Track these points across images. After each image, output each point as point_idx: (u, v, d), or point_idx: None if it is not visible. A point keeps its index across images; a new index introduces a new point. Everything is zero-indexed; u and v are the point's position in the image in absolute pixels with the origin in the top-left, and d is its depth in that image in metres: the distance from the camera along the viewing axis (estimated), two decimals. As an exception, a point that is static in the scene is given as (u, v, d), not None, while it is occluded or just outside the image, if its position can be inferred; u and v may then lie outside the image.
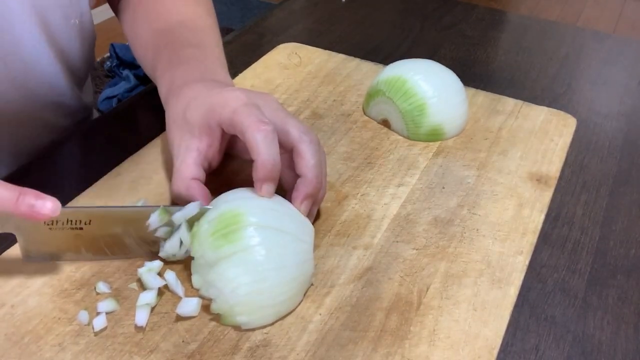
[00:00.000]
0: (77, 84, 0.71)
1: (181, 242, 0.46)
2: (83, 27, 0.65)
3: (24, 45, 0.59)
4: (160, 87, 0.58)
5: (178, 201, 0.50)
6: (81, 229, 0.46)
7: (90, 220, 0.46)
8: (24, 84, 0.61)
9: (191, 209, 0.46)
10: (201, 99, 0.51)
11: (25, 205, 0.41)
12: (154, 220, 0.46)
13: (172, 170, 0.51)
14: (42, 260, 0.47)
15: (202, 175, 0.50)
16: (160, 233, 0.47)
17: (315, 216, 0.52)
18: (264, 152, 0.45)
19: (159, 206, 0.47)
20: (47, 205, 0.42)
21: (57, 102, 0.67)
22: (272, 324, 0.44)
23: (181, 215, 0.46)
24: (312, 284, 0.47)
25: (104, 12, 0.71)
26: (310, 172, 0.48)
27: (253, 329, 0.44)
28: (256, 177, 0.46)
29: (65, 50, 0.64)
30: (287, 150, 0.49)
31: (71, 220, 0.46)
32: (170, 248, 0.47)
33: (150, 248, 0.48)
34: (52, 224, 0.46)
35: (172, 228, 0.47)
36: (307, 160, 0.48)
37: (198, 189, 0.49)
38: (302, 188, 0.48)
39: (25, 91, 0.62)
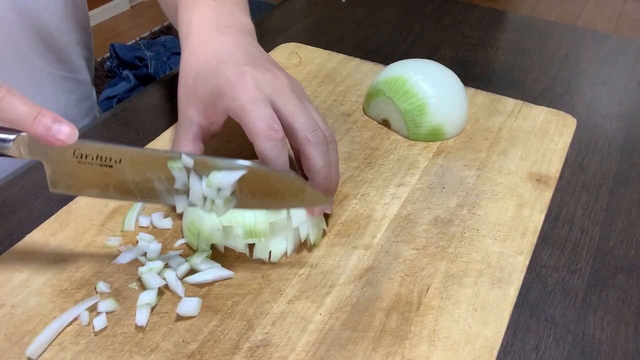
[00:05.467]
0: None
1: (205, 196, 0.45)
2: None
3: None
4: (179, 31, 0.57)
5: None
6: (111, 166, 0.44)
7: (120, 160, 0.44)
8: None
9: (186, 161, 0.44)
10: (209, 72, 0.50)
11: (41, 125, 0.39)
12: (176, 174, 0.45)
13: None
14: (68, 192, 0.45)
15: (200, 149, 0.52)
16: (179, 184, 0.45)
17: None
18: (272, 164, 0.46)
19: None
20: (63, 129, 0.40)
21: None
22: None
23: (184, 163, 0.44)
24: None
25: (104, 12, 0.71)
26: (317, 175, 0.48)
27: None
28: None
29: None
30: (297, 148, 0.49)
31: (101, 157, 0.44)
32: (191, 200, 0.46)
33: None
34: (81, 158, 0.44)
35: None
36: (313, 164, 0.48)
37: None
38: None
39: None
